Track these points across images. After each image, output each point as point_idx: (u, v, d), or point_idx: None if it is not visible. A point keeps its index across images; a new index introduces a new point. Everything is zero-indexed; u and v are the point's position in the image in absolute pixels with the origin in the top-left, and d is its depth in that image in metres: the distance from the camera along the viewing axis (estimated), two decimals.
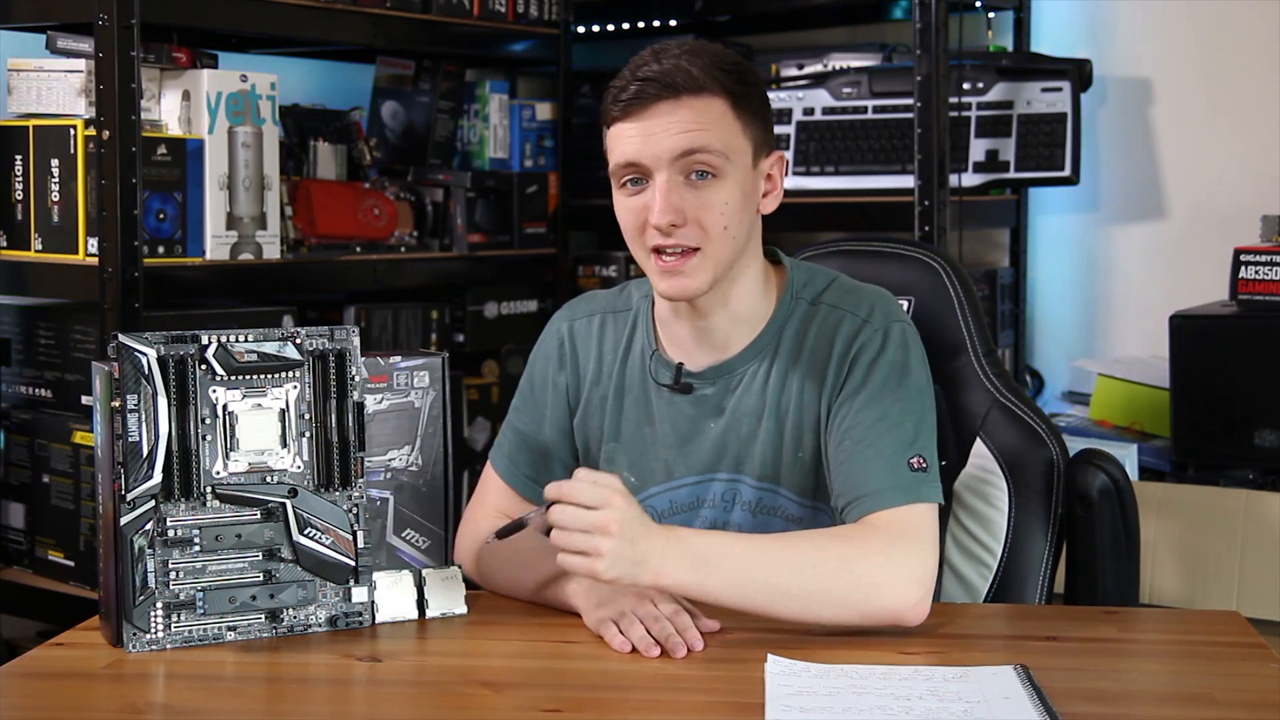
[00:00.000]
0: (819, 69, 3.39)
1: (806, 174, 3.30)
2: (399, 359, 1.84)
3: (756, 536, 1.78)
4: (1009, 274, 3.43)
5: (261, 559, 1.73)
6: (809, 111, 3.32)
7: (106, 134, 2.50)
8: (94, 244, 2.55)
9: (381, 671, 1.66)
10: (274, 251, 2.79)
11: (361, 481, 1.77)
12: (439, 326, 3.27)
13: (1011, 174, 3.21)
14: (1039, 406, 2.13)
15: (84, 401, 2.68)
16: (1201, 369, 2.83)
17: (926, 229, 3.00)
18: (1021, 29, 3.44)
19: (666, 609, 1.71)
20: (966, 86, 3.21)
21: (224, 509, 1.71)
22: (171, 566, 1.69)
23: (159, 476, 1.68)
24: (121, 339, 1.67)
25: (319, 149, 3.08)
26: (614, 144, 1.84)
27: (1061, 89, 3.17)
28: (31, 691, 1.60)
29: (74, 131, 2.58)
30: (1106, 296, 3.45)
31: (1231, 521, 2.77)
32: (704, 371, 1.93)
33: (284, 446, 1.73)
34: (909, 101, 3.09)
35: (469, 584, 1.86)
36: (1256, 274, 2.82)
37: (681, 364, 1.93)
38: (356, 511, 1.76)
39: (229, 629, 1.72)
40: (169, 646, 1.69)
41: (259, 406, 1.72)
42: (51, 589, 2.70)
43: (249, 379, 1.72)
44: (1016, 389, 2.12)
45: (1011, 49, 3.43)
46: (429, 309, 3.24)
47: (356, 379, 1.77)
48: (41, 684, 1.62)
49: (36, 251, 2.66)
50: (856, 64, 3.35)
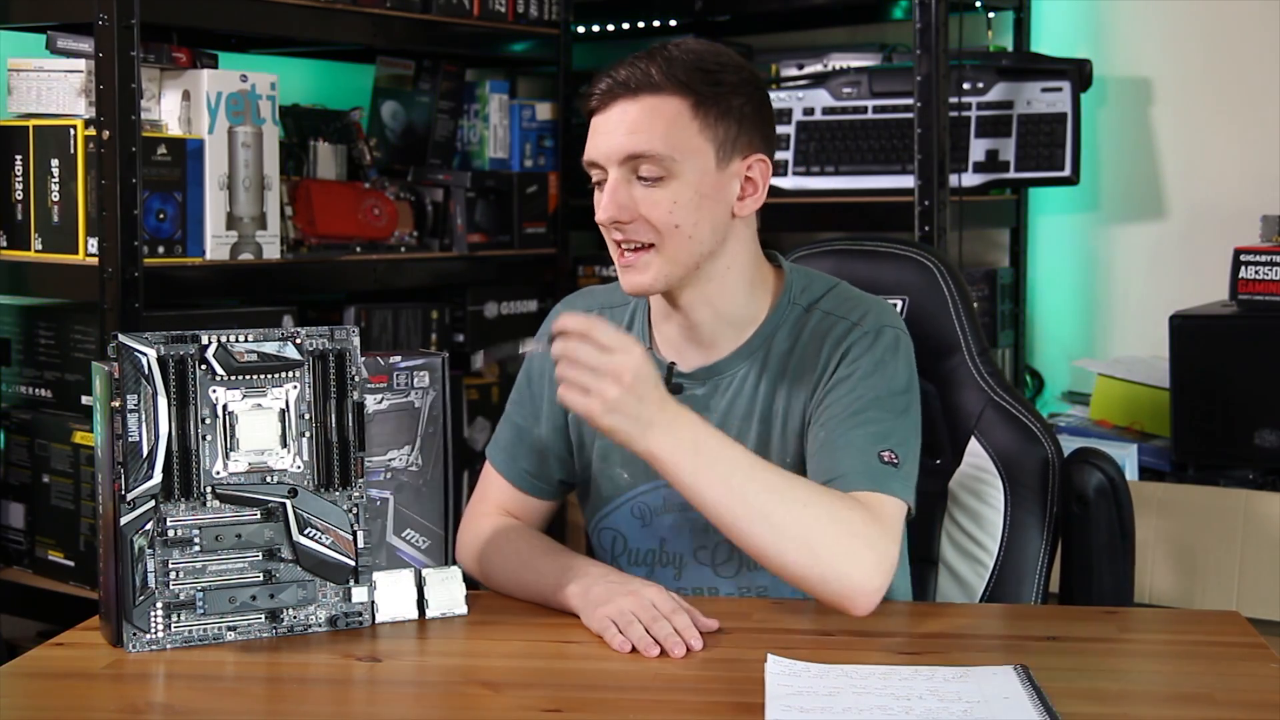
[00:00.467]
0: (819, 69, 3.39)
1: (806, 174, 3.30)
2: (399, 359, 1.84)
3: (761, 459, 1.76)
4: (1009, 274, 3.43)
5: (261, 559, 1.73)
6: (809, 111, 3.32)
7: (106, 134, 2.50)
8: (94, 244, 2.55)
9: (381, 671, 1.66)
10: (274, 251, 2.79)
11: (361, 481, 1.77)
12: (439, 326, 3.27)
13: (1011, 174, 3.20)
14: (1033, 405, 2.13)
15: (84, 401, 2.68)
16: (1201, 369, 2.83)
17: (926, 229, 3.00)
18: (1021, 29, 3.44)
19: (666, 609, 1.71)
20: (966, 86, 3.21)
21: (224, 509, 1.71)
22: (171, 566, 1.69)
23: (159, 476, 1.68)
24: (121, 339, 1.67)
25: (319, 149, 3.08)
26: (587, 140, 1.88)
27: (1061, 89, 3.17)
28: (31, 691, 1.60)
29: (74, 131, 2.58)
30: (1106, 296, 3.45)
31: (1231, 521, 2.77)
32: (694, 372, 1.93)
33: (284, 446, 1.73)
34: (909, 101, 3.09)
35: (469, 584, 1.86)
36: (1256, 274, 2.82)
37: (673, 364, 1.94)
38: (356, 511, 1.76)
39: (229, 629, 1.72)
40: (169, 646, 1.69)
41: (259, 406, 1.72)
42: (51, 589, 2.70)
43: (249, 379, 1.72)
44: (1010, 388, 2.12)
45: (1011, 49, 3.43)
46: (429, 309, 3.24)
47: (356, 379, 1.77)
48: (41, 684, 1.62)
49: (36, 251, 2.66)
50: (856, 64, 3.35)
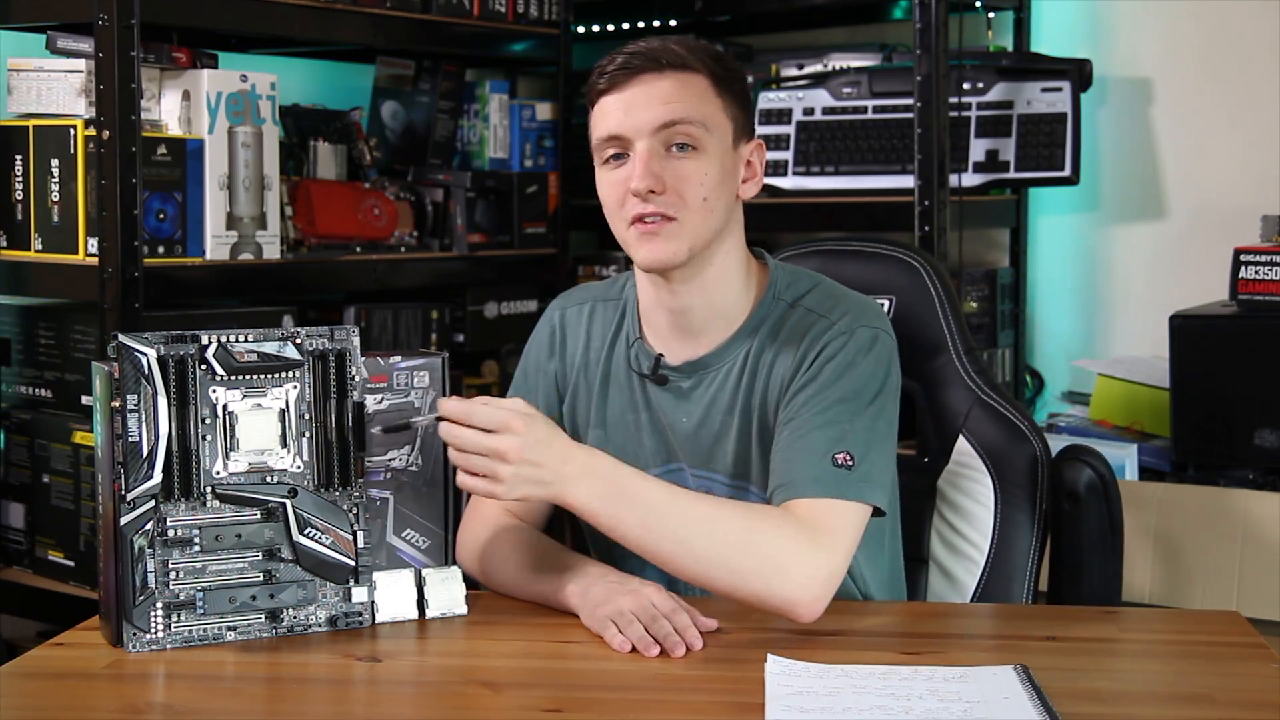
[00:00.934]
0: (819, 69, 3.39)
1: (806, 174, 3.30)
2: (399, 359, 1.84)
3: (679, 489, 1.77)
4: (1009, 274, 3.43)
5: (261, 559, 1.73)
6: (809, 111, 3.32)
7: (106, 134, 2.50)
8: (94, 244, 2.55)
9: (381, 671, 1.66)
10: (274, 251, 2.79)
11: (361, 481, 1.77)
12: (439, 326, 3.27)
13: (1011, 174, 3.20)
14: (1022, 404, 2.13)
15: (84, 401, 2.68)
16: (1201, 369, 2.83)
17: (926, 229, 3.00)
18: (1021, 29, 3.44)
19: (665, 608, 1.71)
20: (966, 86, 3.20)
21: (224, 509, 1.71)
22: (171, 566, 1.69)
23: (159, 476, 1.68)
24: (121, 339, 1.67)
25: (319, 149, 3.08)
26: (598, 120, 1.88)
27: (1061, 89, 3.17)
28: (31, 691, 1.60)
29: (74, 131, 2.58)
30: (1106, 296, 3.45)
31: (1231, 521, 2.77)
32: (681, 365, 1.94)
33: (284, 446, 1.73)
34: (909, 101, 3.09)
35: (469, 584, 1.86)
36: (1256, 274, 2.82)
37: (660, 355, 1.94)
38: (356, 511, 1.76)
39: (229, 629, 1.72)
40: (169, 646, 1.69)
41: (259, 406, 1.72)
42: (51, 589, 2.70)
43: (249, 379, 1.72)
44: (998, 386, 2.13)
45: (1011, 49, 3.43)
46: (429, 309, 3.24)
47: (356, 379, 1.77)
48: (41, 684, 1.62)
49: (36, 251, 2.66)
50: (856, 64, 3.35)
